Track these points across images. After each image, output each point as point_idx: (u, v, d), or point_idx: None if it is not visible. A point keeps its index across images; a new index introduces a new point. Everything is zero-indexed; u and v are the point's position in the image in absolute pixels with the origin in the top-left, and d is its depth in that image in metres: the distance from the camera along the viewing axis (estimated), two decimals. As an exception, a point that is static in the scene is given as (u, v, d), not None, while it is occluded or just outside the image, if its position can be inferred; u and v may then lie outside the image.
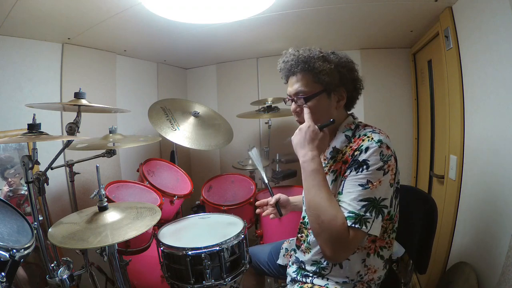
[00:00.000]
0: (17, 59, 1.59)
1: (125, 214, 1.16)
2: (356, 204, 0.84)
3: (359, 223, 0.82)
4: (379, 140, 0.86)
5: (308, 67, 0.95)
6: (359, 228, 0.82)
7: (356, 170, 0.85)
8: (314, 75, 0.95)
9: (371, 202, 0.84)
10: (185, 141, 1.90)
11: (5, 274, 0.87)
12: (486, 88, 1.22)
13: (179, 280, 1.21)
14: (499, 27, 1.10)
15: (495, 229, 1.14)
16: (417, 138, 2.30)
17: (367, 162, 0.84)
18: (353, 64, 1.01)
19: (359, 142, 0.90)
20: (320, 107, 0.97)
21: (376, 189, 0.84)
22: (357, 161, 0.86)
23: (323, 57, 0.96)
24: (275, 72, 1.13)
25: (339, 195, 0.88)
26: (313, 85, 0.96)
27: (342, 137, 0.99)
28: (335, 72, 0.95)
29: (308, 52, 0.97)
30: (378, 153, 0.85)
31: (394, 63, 2.34)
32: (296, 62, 0.97)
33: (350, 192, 0.85)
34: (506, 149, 1.10)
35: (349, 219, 0.83)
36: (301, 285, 1.08)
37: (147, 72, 2.60)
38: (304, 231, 1.13)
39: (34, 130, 1.10)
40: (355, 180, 0.85)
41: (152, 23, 1.63)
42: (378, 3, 1.52)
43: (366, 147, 0.86)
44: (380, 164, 0.84)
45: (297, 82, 0.98)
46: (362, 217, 0.83)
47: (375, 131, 0.93)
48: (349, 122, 1.02)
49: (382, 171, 0.85)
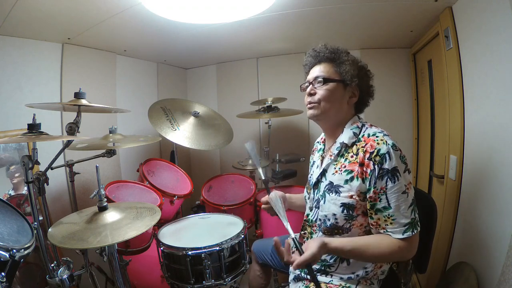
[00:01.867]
0: (17, 59, 1.59)
1: (125, 214, 1.16)
2: (407, 212, 0.91)
3: (414, 229, 0.91)
4: (393, 144, 0.93)
5: (334, 56, 1.04)
6: (416, 232, 0.92)
7: (391, 180, 0.90)
8: (336, 65, 1.03)
9: (414, 204, 0.93)
10: (185, 141, 1.90)
11: (5, 274, 0.87)
12: (486, 88, 1.22)
13: (179, 280, 1.22)
14: (499, 27, 1.10)
15: (495, 229, 1.14)
16: (417, 138, 2.30)
17: (397, 169, 0.90)
18: (370, 73, 1.11)
19: (373, 144, 0.93)
20: (335, 94, 1.02)
21: (411, 189, 0.93)
22: (388, 170, 0.90)
23: (348, 53, 1.07)
24: (275, 72, 1.15)
25: (388, 209, 0.91)
26: (333, 72, 1.04)
27: (350, 133, 1.02)
28: (355, 68, 1.03)
29: (336, 47, 1.07)
30: (398, 157, 0.92)
31: (394, 63, 2.34)
32: (323, 51, 1.06)
33: (398, 204, 0.91)
34: (506, 149, 1.10)
35: (407, 231, 0.91)
36: (307, 283, 1.08)
37: (147, 72, 2.60)
38: (308, 228, 1.14)
39: (34, 130, 1.10)
40: (397, 190, 0.90)
41: (152, 23, 1.63)
42: (378, 3, 1.52)
43: (387, 153, 0.91)
44: (404, 166, 0.93)
45: (320, 69, 1.05)
46: (414, 221, 0.92)
47: (384, 133, 0.97)
48: (355, 121, 1.06)
49: (407, 171, 0.93)
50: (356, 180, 0.95)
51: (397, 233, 0.91)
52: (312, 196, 1.11)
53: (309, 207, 1.14)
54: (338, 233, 1.01)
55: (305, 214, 1.16)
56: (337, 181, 1.00)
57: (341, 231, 1.01)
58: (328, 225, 1.02)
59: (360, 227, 0.99)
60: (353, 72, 1.01)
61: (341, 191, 0.98)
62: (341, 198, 0.98)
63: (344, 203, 0.97)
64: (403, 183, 0.90)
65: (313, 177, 1.13)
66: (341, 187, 0.98)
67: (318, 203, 1.06)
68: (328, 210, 1.01)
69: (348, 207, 0.97)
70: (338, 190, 0.99)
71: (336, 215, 0.99)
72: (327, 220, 1.02)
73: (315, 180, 1.10)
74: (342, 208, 0.98)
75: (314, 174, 1.12)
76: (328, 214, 1.01)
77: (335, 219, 1.00)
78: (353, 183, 0.96)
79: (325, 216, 1.03)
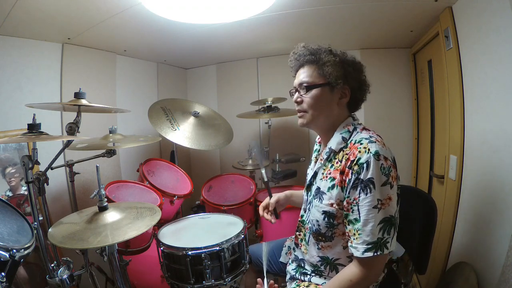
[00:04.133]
0: (17, 59, 1.59)
1: (125, 214, 1.16)
2: (375, 230, 0.85)
3: (379, 249, 0.85)
4: (376, 152, 0.85)
5: (314, 58, 0.98)
6: (381, 254, 0.85)
7: (364, 191, 0.85)
8: (319, 67, 0.98)
9: (387, 221, 0.86)
10: (185, 141, 1.90)
11: (5, 274, 0.87)
12: (486, 88, 1.22)
13: (179, 280, 1.21)
14: (499, 27, 1.10)
15: (495, 229, 1.13)
16: (417, 138, 2.30)
17: (372, 180, 0.84)
18: (360, 65, 1.03)
19: (355, 152, 0.89)
20: (321, 99, 0.98)
21: (389, 206, 0.86)
22: (362, 180, 0.85)
23: (330, 51, 0.99)
24: (275, 72, 1.14)
25: (357, 222, 0.87)
26: (317, 77, 0.98)
27: (339, 138, 0.98)
28: (339, 67, 0.96)
29: (317, 46, 1.01)
30: (378, 167, 0.85)
31: (394, 63, 2.34)
32: (304, 53, 1.01)
33: (367, 219, 0.85)
34: (506, 149, 1.10)
35: (368, 251, 0.85)
36: (299, 283, 1.08)
37: (147, 72, 2.59)
38: (302, 230, 1.14)
39: (34, 130, 1.09)
40: (368, 203, 0.85)
41: (152, 23, 1.63)
42: (378, 3, 1.52)
43: (365, 162, 0.85)
44: (384, 179, 0.85)
45: (303, 73, 1.01)
46: (381, 242, 0.85)
47: (371, 139, 0.90)
48: (348, 123, 1.00)
49: (388, 185, 0.86)
50: (336, 189, 0.93)
51: (358, 251, 0.87)
52: (306, 198, 1.11)
53: (303, 208, 1.14)
54: (322, 240, 1.00)
55: (300, 214, 1.16)
56: (323, 188, 0.98)
57: (324, 238, 0.99)
58: (314, 230, 1.02)
59: (342, 237, 0.96)
60: (336, 73, 0.95)
61: (324, 198, 0.97)
62: (323, 206, 0.97)
63: (325, 210, 0.96)
64: (376, 197, 0.84)
65: (307, 178, 1.12)
66: (324, 194, 0.97)
67: (310, 206, 1.06)
68: (313, 216, 1.01)
69: (329, 215, 0.96)
70: (322, 196, 0.98)
71: (319, 222, 0.98)
72: (313, 226, 1.01)
73: (308, 182, 1.09)
74: (324, 216, 0.96)
75: (308, 175, 1.11)
76: (313, 219, 1.01)
77: (318, 225, 0.99)
78: (333, 191, 0.94)
79: (312, 221, 1.02)
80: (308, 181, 1.09)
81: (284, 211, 1.63)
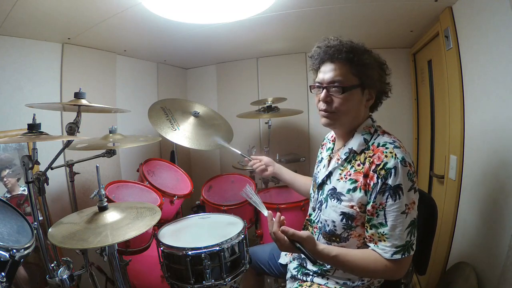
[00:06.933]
0: (17, 59, 1.59)
1: (125, 214, 1.16)
2: (403, 235, 0.86)
3: (406, 252, 0.86)
4: (402, 158, 0.86)
5: (353, 57, 0.91)
6: (408, 255, 0.87)
7: (392, 197, 0.85)
8: (354, 67, 0.92)
9: (413, 225, 0.87)
10: (185, 141, 1.89)
11: (5, 274, 0.87)
12: (486, 88, 1.22)
13: (179, 280, 1.21)
14: (499, 27, 1.10)
15: (495, 229, 1.14)
16: (417, 138, 2.30)
17: (401, 186, 0.85)
18: (387, 67, 1.00)
19: (380, 156, 0.88)
20: (352, 101, 0.94)
21: (413, 210, 0.87)
22: (390, 186, 0.85)
23: (368, 51, 0.95)
24: (275, 72, 1.13)
25: (384, 226, 0.87)
26: (350, 77, 0.92)
27: (361, 139, 0.96)
28: (376, 69, 0.94)
29: (351, 43, 0.95)
30: (406, 173, 0.85)
31: (394, 63, 2.32)
32: (339, 49, 0.93)
33: (395, 224, 0.86)
34: (506, 149, 1.10)
35: (397, 254, 0.86)
36: (301, 283, 1.08)
37: (147, 72, 2.59)
38: (310, 229, 1.12)
39: (34, 130, 1.09)
40: (396, 209, 0.85)
41: (152, 23, 1.63)
42: (378, 3, 1.52)
43: (393, 168, 0.85)
44: (411, 185, 0.86)
45: (334, 70, 0.93)
46: (408, 244, 0.87)
47: (395, 144, 0.90)
48: (368, 125, 0.99)
49: (413, 190, 0.87)
50: (359, 192, 0.91)
51: (386, 253, 0.87)
52: (316, 197, 1.09)
53: (312, 207, 1.12)
54: (336, 240, 0.99)
55: (308, 213, 1.15)
56: (340, 188, 0.96)
57: (338, 239, 0.98)
58: (327, 231, 1.00)
59: (358, 238, 0.96)
60: (374, 73, 0.93)
61: (343, 199, 0.95)
62: (342, 207, 0.95)
63: (344, 212, 0.94)
64: (404, 202, 0.85)
65: (319, 177, 1.09)
66: (343, 196, 0.95)
67: (321, 206, 1.04)
68: (328, 216, 0.99)
69: (347, 217, 0.94)
70: (340, 198, 0.96)
71: (335, 223, 0.96)
72: (326, 226, 1.00)
73: (321, 181, 1.06)
74: (342, 217, 0.95)
75: (320, 174, 1.08)
76: (328, 220, 0.99)
77: (333, 226, 0.97)
78: (355, 194, 0.92)
79: (325, 221, 1.00)
80: (320, 180, 1.06)
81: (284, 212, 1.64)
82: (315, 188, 1.11)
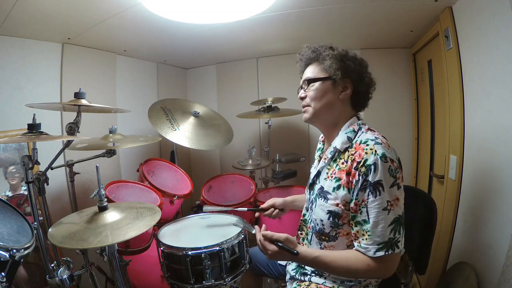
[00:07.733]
0: (17, 59, 1.59)
1: (125, 214, 1.16)
2: (386, 231, 0.86)
3: (390, 249, 0.86)
4: (383, 154, 0.86)
5: (316, 55, 1.03)
6: (392, 252, 0.86)
7: (373, 194, 0.86)
8: (320, 63, 1.01)
9: (397, 222, 0.87)
10: (185, 141, 1.90)
11: (5, 274, 0.87)
12: (486, 88, 1.22)
13: (179, 280, 1.21)
14: (499, 27, 1.10)
15: (495, 229, 1.14)
16: (417, 138, 2.30)
17: (381, 182, 0.85)
18: (361, 60, 1.04)
19: (361, 153, 0.88)
20: (324, 93, 1.00)
21: (397, 206, 0.87)
22: (370, 182, 0.86)
23: (331, 47, 1.03)
24: (275, 72, 1.15)
25: (366, 224, 0.87)
26: (319, 72, 1.02)
27: (344, 137, 0.98)
28: (338, 59, 0.98)
29: (319, 45, 1.05)
30: (387, 169, 0.86)
31: (394, 63, 2.34)
32: (306, 53, 1.06)
33: (377, 221, 0.86)
34: (506, 149, 1.10)
35: (380, 251, 0.86)
36: (299, 283, 1.08)
37: (147, 72, 2.59)
38: (304, 229, 1.14)
39: (34, 130, 1.09)
40: (377, 205, 0.86)
41: (152, 23, 1.63)
42: (378, 3, 1.52)
43: (373, 164, 0.85)
44: (392, 181, 0.86)
45: (307, 71, 1.05)
46: (392, 241, 0.86)
47: (377, 140, 0.90)
48: (353, 123, 1.00)
49: (396, 186, 0.87)
50: (343, 190, 0.93)
51: (369, 251, 0.87)
52: (308, 197, 1.11)
53: (306, 207, 1.14)
54: (325, 239, 1.00)
55: (302, 214, 1.16)
56: (327, 187, 0.98)
57: (328, 238, 0.99)
58: (317, 230, 1.02)
59: (346, 237, 0.97)
60: (335, 65, 0.97)
61: (329, 198, 0.97)
62: (328, 205, 0.96)
63: (330, 210, 0.96)
64: (385, 198, 0.85)
65: (310, 177, 1.12)
66: (329, 194, 0.97)
67: (312, 205, 1.06)
68: (317, 215, 1.01)
69: (334, 215, 0.96)
70: (327, 196, 0.97)
71: (323, 221, 0.98)
72: (316, 225, 1.02)
73: (311, 181, 1.09)
74: (329, 215, 0.96)
75: (312, 174, 1.11)
76: (317, 219, 1.01)
77: (322, 225, 0.99)
78: (339, 192, 0.94)
79: (315, 220, 1.02)
80: (311, 180, 1.09)
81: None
82: (307, 189, 1.14)
